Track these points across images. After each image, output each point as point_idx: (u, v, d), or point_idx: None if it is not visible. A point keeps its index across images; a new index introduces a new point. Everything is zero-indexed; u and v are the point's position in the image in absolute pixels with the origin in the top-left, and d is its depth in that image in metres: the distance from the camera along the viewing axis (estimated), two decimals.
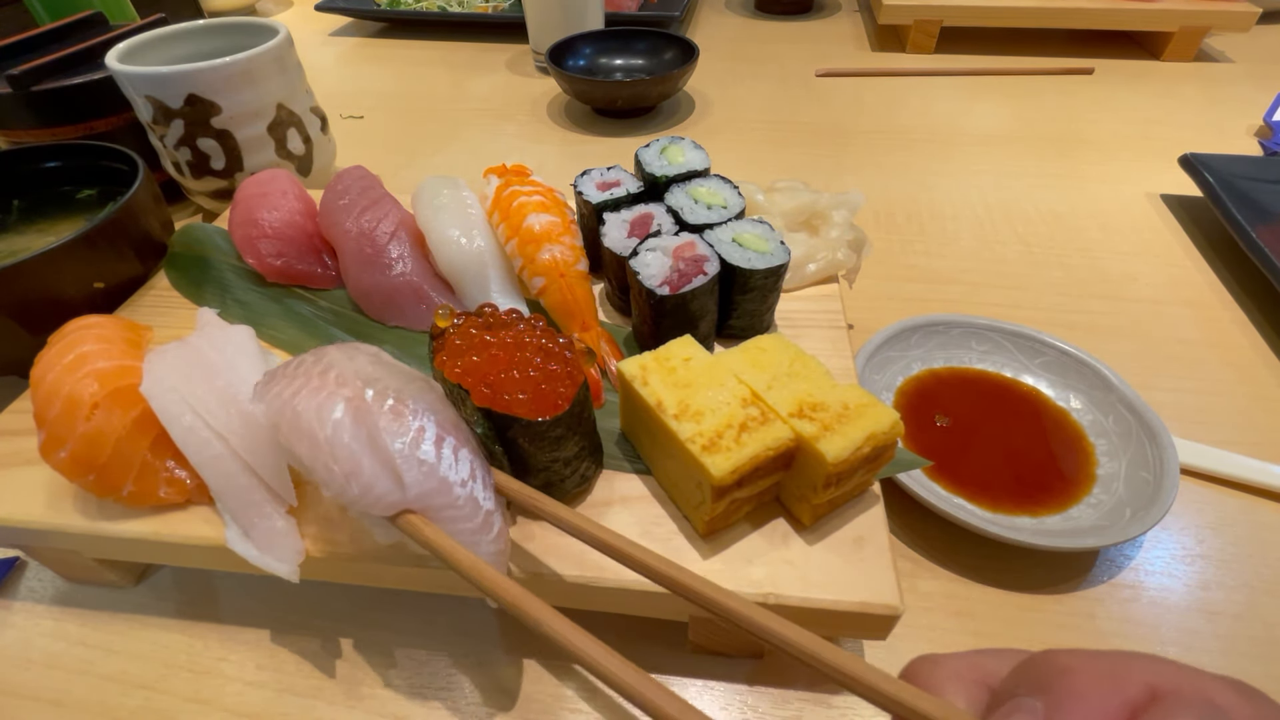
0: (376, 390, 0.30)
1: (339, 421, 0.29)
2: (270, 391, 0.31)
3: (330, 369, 0.31)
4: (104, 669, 0.39)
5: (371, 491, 0.29)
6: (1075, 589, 0.41)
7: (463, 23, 1.23)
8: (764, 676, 0.38)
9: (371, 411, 0.29)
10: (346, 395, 0.30)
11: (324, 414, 0.29)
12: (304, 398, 0.30)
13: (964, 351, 0.52)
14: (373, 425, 0.29)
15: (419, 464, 0.29)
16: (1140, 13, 1.02)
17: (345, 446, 0.29)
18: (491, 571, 0.28)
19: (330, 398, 0.30)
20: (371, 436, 0.29)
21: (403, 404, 0.30)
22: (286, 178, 0.55)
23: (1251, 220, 0.62)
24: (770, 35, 1.21)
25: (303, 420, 0.29)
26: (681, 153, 0.50)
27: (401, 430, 0.29)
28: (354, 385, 0.30)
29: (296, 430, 0.30)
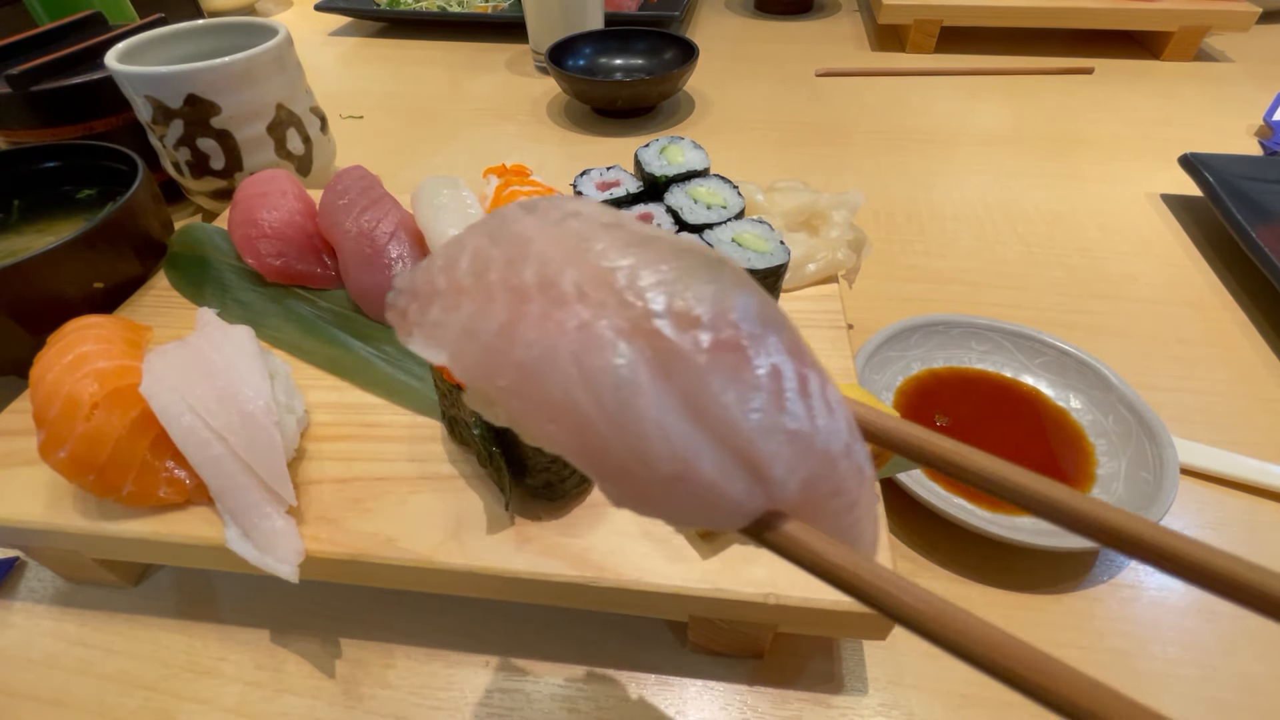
0: (669, 304, 0.16)
1: (629, 379, 0.15)
2: (441, 323, 0.17)
3: (549, 259, 0.17)
4: (104, 669, 0.39)
5: (717, 503, 0.16)
6: (1075, 589, 0.41)
7: (462, 23, 1.23)
8: (764, 676, 0.38)
9: (685, 353, 0.15)
10: (620, 322, 0.15)
11: (595, 367, 0.15)
12: (535, 334, 0.16)
13: (964, 351, 0.52)
14: (694, 381, 0.15)
15: (787, 435, 0.16)
16: (1140, 12, 1.02)
17: (657, 426, 0.15)
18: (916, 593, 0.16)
19: (590, 330, 0.15)
20: (698, 401, 0.15)
21: (730, 326, 0.16)
22: (286, 178, 0.55)
23: (1251, 220, 0.62)
24: (770, 35, 1.21)
25: (556, 383, 0.15)
26: (681, 153, 0.51)
27: (746, 379, 0.16)
28: (620, 294, 0.16)
29: (549, 402, 0.15)
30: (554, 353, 0.15)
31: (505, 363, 0.16)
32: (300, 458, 0.39)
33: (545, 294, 0.16)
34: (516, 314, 0.16)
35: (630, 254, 0.17)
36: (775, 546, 0.17)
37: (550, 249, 0.17)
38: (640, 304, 0.16)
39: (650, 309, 0.16)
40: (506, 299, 0.17)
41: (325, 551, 0.34)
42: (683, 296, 0.16)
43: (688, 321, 0.16)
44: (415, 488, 0.37)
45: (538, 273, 0.17)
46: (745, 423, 0.15)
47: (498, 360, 0.16)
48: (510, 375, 0.16)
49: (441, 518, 0.36)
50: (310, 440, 0.40)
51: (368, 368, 0.45)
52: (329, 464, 0.39)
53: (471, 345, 0.17)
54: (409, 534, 0.35)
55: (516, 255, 0.17)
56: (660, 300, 0.16)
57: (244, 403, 0.35)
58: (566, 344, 0.15)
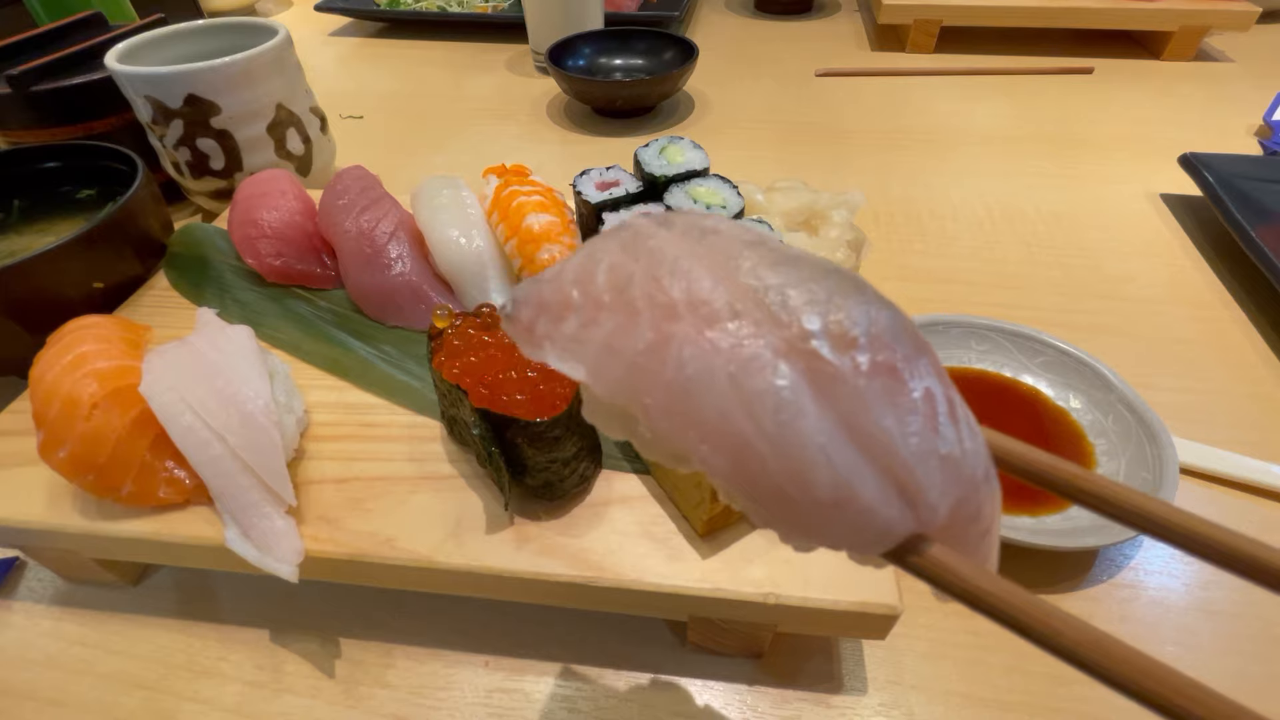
0: (825, 325, 0.16)
1: (790, 401, 0.15)
2: (578, 339, 0.17)
3: (696, 276, 0.17)
4: (103, 669, 0.39)
5: (870, 530, 0.16)
6: (1075, 589, 0.41)
7: (462, 23, 1.23)
8: (764, 676, 0.38)
9: (844, 376, 0.15)
10: (778, 342, 0.15)
11: (755, 389, 0.15)
12: (690, 353, 0.16)
13: (963, 351, 0.52)
14: (854, 403, 0.15)
15: (940, 460, 0.16)
16: (1140, 12, 1.02)
17: (820, 452, 0.15)
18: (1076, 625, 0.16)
19: (755, 353, 0.15)
20: (857, 424, 0.15)
21: (885, 348, 0.16)
22: (286, 178, 0.55)
23: (1251, 220, 0.62)
24: (770, 35, 1.21)
25: (712, 406, 0.15)
26: (681, 152, 0.51)
27: (903, 403, 0.16)
28: (774, 315, 0.16)
29: (694, 422, 0.15)
30: (710, 373, 0.15)
31: (654, 382, 0.16)
32: (300, 458, 0.39)
33: (695, 312, 0.16)
34: (665, 332, 0.16)
35: (779, 272, 0.17)
36: (918, 570, 0.17)
37: (696, 266, 0.17)
38: (796, 324, 0.16)
39: (807, 329, 0.15)
40: (653, 316, 0.16)
41: (325, 551, 0.34)
42: (836, 317, 0.16)
43: (845, 343, 0.15)
44: (415, 487, 0.37)
45: (686, 290, 0.16)
46: (905, 448, 0.15)
47: (646, 379, 0.16)
48: (660, 395, 0.16)
49: (441, 517, 0.36)
50: (310, 440, 0.40)
51: (367, 368, 0.45)
52: (328, 464, 0.39)
53: (614, 362, 0.16)
54: (408, 534, 0.35)
55: (660, 271, 0.17)
56: (816, 320, 0.16)
57: (243, 403, 0.35)
58: (722, 364, 0.15)
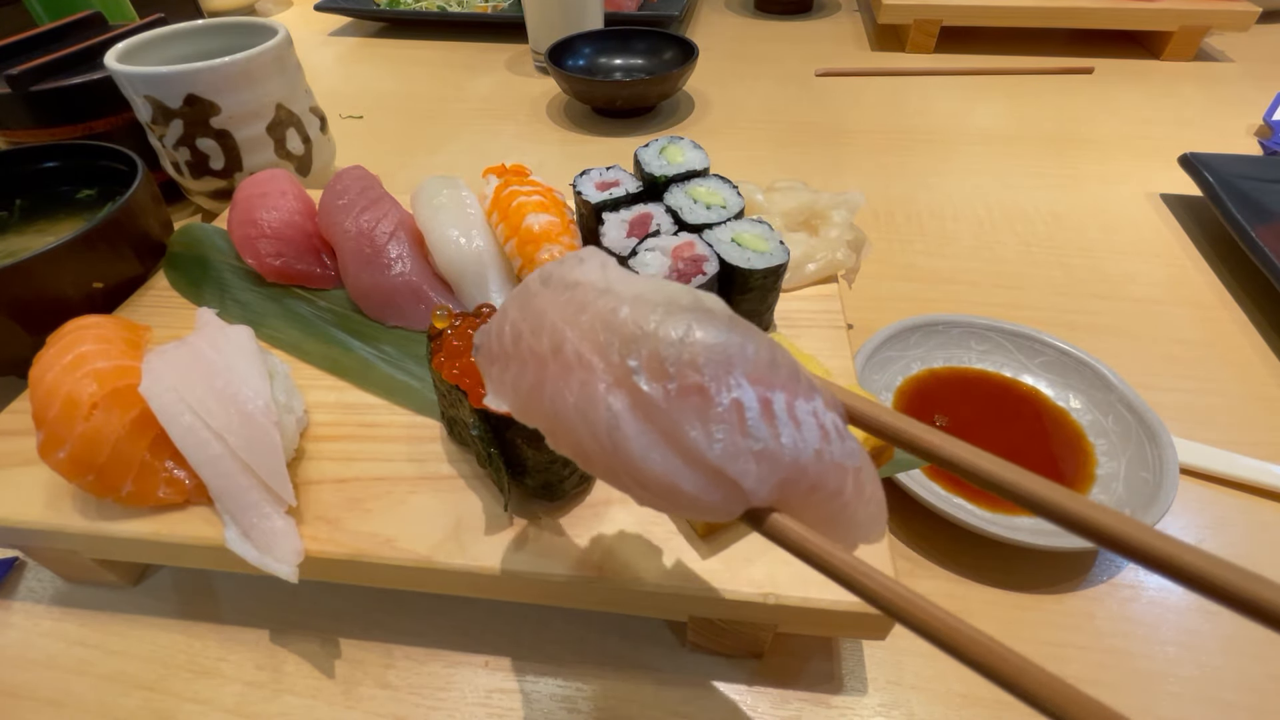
0: (644, 360, 0.21)
1: (617, 428, 0.20)
2: (501, 380, 0.24)
3: (557, 329, 0.22)
4: (103, 669, 0.39)
5: (705, 509, 0.21)
6: (1075, 589, 0.41)
7: (462, 23, 1.23)
8: (764, 676, 0.38)
9: (657, 402, 0.20)
10: (608, 380, 0.21)
11: (594, 418, 0.21)
12: (553, 391, 0.22)
13: (963, 351, 0.52)
14: (667, 422, 0.20)
15: (753, 455, 0.20)
16: (1140, 12, 1.02)
17: (643, 461, 0.20)
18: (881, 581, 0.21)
19: (587, 388, 0.21)
20: (672, 437, 0.20)
21: (694, 371, 0.20)
22: (286, 178, 0.55)
23: (1251, 220, 0.62)
24: (770, 35, 1.21)
25: (571, 429, 0.21)
26: (681, 152, 0.50)
27: (710, 415, 0.20)
28: (607, 356, 0.21)
29: (570, 442, 0.22)
30: (566, 407, 0.21)
31: (538, 411, 0.22)
32: (299, 458, 0.39)
33: (556, 359, 0.22)
34: (540, 376, 0.22)
35: (617, 316, 0.22)
36: (766, 533, 0.22)
37: (557, 319, 0.22)
38: (621, 362, 0.21)
39: (629, 366, 0.21)
40: (533, 363, 0.22)
41: (324, 552, 0.34)
42: (656, 350, 0.21)
43: (659, 374, 0.20)
44: (414, 488, 0.37)
45: (550, 340, 0.22)
46: (711, 451, 0.20)
47: (533, 409, 0.23)
48: (542, 421, 0.22)
49: (441, 518, 0.36)
50: (309, 440, 0.40)
51: (367, 368, 0.45)
52: (328, 464, 0.39)
53: (516, 398, 0.23)
54: (408, 534, 0.35)
55: (536, 326, 0.23)
56: (637, 357, 0.21)
57: (243, 403, 0.35)
58: (573, 400, 0.21)
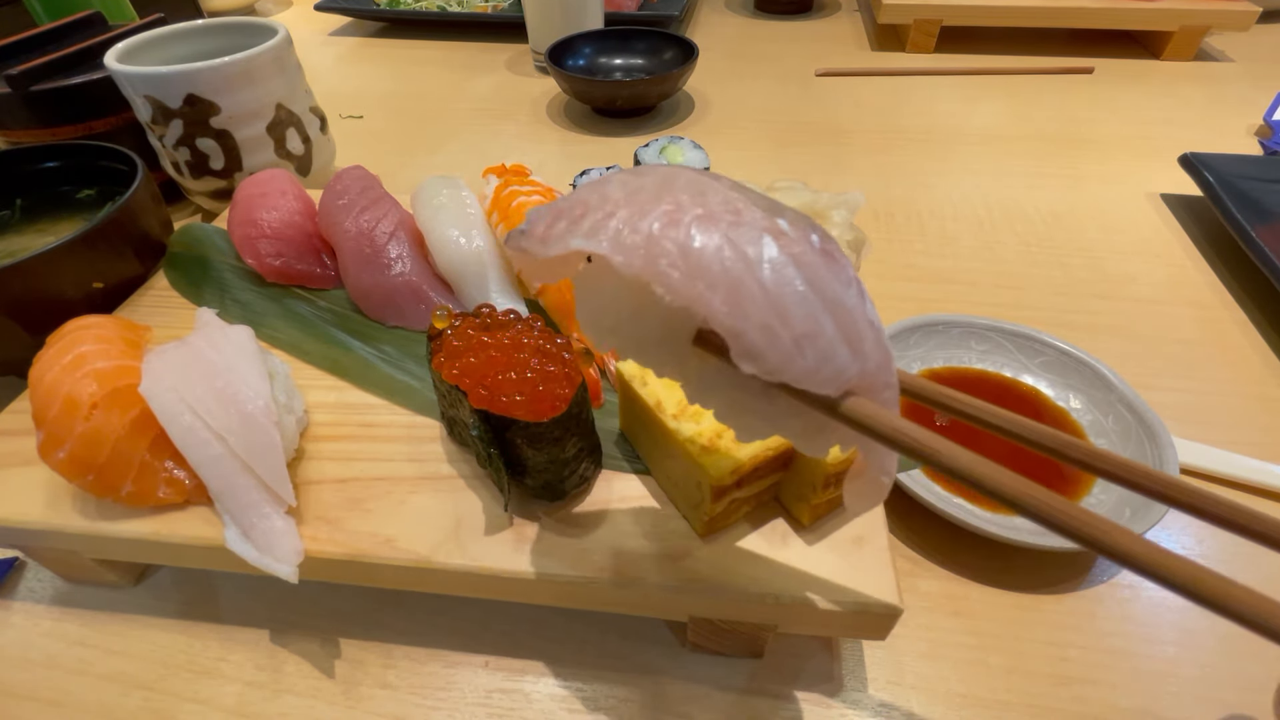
0: (789, 221, 0.22)
1: (781, 266, 0.21)
2: (600, 225, 0.22)
3: (698, 185, 0.23)
4: (103, 669, 0.39)
5: (830, 363, 0.21)
6: (1075, 589, 0.41)
7: (462, 23, 1.23)
8: (763, 676, 0.38)
9: (808, 257, 0.21)
10: (764, 228, 0.21)
11: (751, 253, 0.21)
12: (694, 230, 0.21)
13: (963, 351, 0.52)
14: (817, 274, 0.21)
15: (870, 326, 0.22)
16: (1140, 12, 1.02)
17: (800, 300, 0.21)
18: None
19: (744, 230, 0.21)
20: (821, 289, 0.21)
21: (823, 235, 0.22)
22: (286, 178, 0.55)
23: (1251, 220, 0.62)
24: (770, 35, 1.21)
25: (715, 260, 0.21)
26: (681, 152, 0.51)
27: (843, 278, 0.22)
28: (748, 212, 0.22)
29: (701, 273, 0.21)
30: (715, 240, 0.21)
31: (669, 247, 0.21)
32: (299, 458, 0.39)
33: (693, 209, 0.22)
34: (674, 218, 0.22)
35: (735, 191, 0.23)
36: (848, 415, 0.22)
37: (687, 184, 0.23)
38: (767, 217, 0.22)
39: (776, 221, 0.22)
40: (663, 209, 0.22)
41: (324, 552, 0.34)
42: (792, 218, 0.22)
43: (801, 233, 0.22)
44: (414, 488, 0.37)
45: (688, 193, 0.22)
46: (852, 307, 0.21)
47: (662, 245, 0.21)
48: (674, 254, 0.21)
49: (441, 518, 0.36)
50: (310, 440, 0.40)
51: (367, 368, 0.45)
52: (328, 464, 0.39)
53: (634, 238, 0.22)
54: (408, 534, 0.35)
55: (663, 186, 0.23)
56: (780, 219, 0.22)
57: (243, 403, 0.35)
58: (722, 233, 0.21)
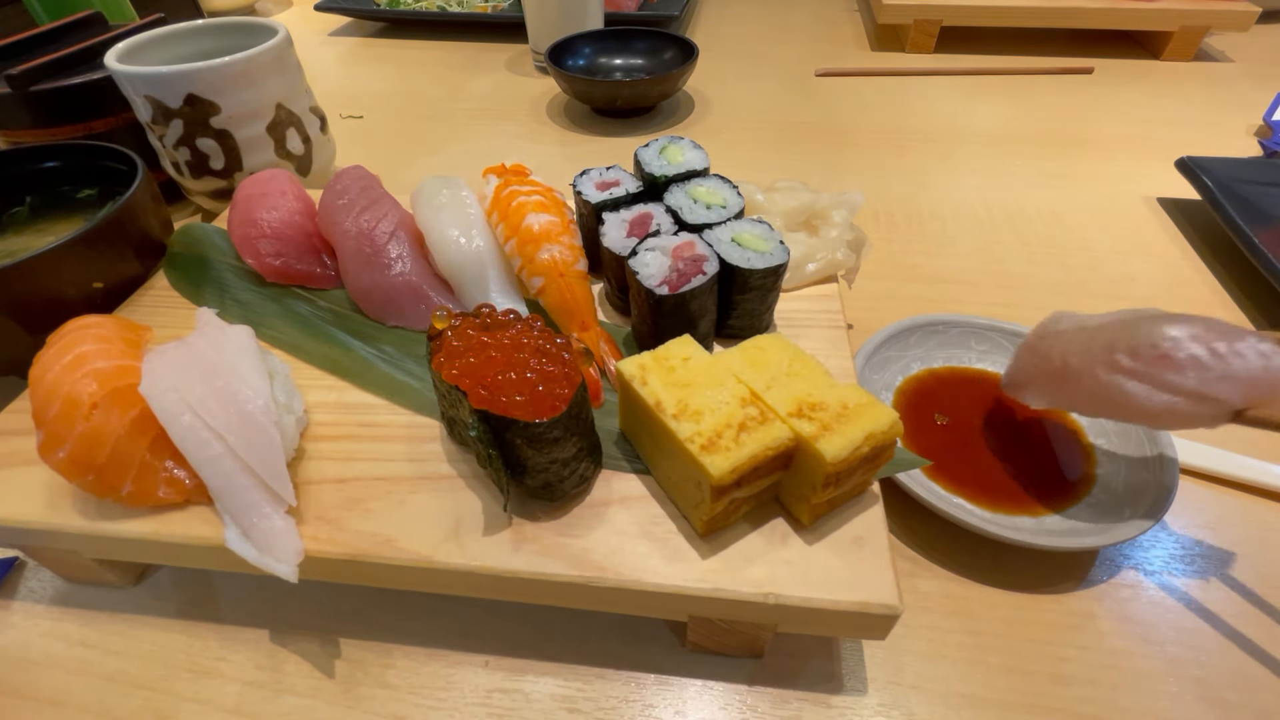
0: (1124, 350, 0.36)
1: (1121, 388, 0.36)
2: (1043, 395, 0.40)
3: (1066, 355, 0.39)
4: (103, 669, 0.39)
5: (1197, 418, 0.35)
6: (1075, 589, 0.41)
7: (462, 23, 1.23)
8: (763, 677, 0.38)
9: (1138, 368, 0.36)
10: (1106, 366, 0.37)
11: (1108, 386, 0.36)
12: (1084, 382, 0.37)
13: (963, 351, 0.52)
14: (1152, 377, 0.35)
15: (1218, 378, 0.34)
16: (1140, 12, 1.02)
17: (1146, 400, 0.35)
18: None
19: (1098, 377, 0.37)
20: (1160, 383, 0.35)
21: (1158, 349, 0.35)
22: (286, 177, 0.55)
23: (1251, 223, 0.62)
24: (770, 35, 1.21)
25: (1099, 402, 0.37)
26: (681, 152, 0.50)
27: (1178, 365, 0.34)
28: (1100, 356, 0.37)
29: (1102, 410, 0.38)
30: (1092, 390, 0.37)
31: (1080, 394, 0.38)
32: (299, 457, 0.39)
33: (1081, 364, 0.38)
34: (1075, 378, 0.38)
35: (1105, 330, 0.38)
36: (1248, 422, 0.35)
37: (1070, 347, 0.39)
38: (1109, 356, 0.37)
39: (1115, 358, 0.36)
40: (1066, 377, 0.39)
41: (324, 551, 0.34)
42: (1129, 342, 0.36)
43: (1140, 357, 0.35)
44: (414, 488, 0.37)
45: (1065, 357, 0.39)
46: (1190, 384, 0.34)
47: (1076, 395, 0.39)
48: (1083, 399, 0.38)
49: (440, 518, 0.36)
50: (309, 440, 0.40)
51: (367, 368, 0.45)
52: (328, 464, 0.39)
53: (1064, 394, 0.40)
54: (408, 534, 0.35)
55: (1051, 354, 0.40)
56: (1119, 350, 0.36)
57: (243, 402, 0.35)
58: (1095, 386, 0.37)
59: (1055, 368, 0.38)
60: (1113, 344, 0.36)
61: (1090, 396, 0.37)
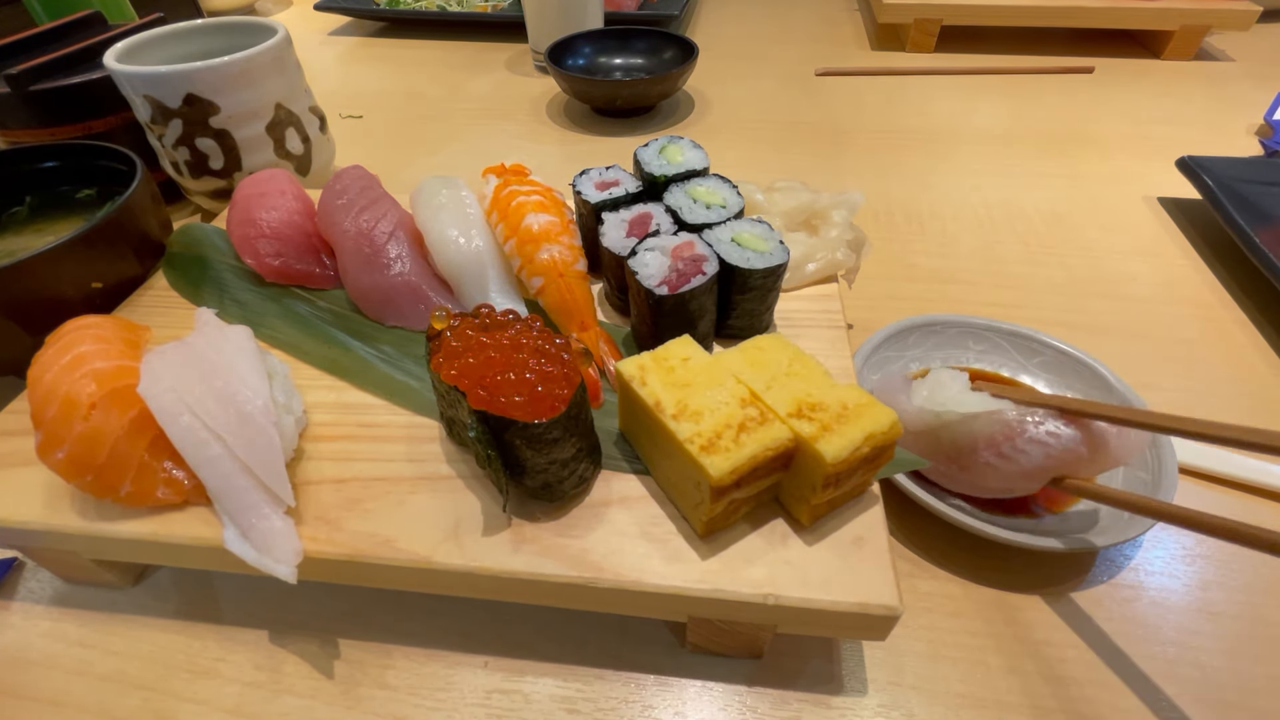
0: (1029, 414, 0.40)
1: (1026, 444, 0.39)
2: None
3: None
4: (102, 669, 0.39)
5: (1023, 489, 0.40)
6: (1075, 589, 0.41)
7: (462, 22, 1.23)
8: (763, 677, 0.38)
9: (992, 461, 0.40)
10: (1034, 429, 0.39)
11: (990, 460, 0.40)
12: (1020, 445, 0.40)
13: (961, 352, 0.52)
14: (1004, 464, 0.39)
15: (1031, 469, 0.39)
16: (1140, 11, 1.02)
17: (997, 480, 0.40)
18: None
19: (1024, 439, 0.39)
20: (1003, 472, 0.40)
21: (993, 441, 0.40)
22: (285, 177, 0.55)
23: (1252, 223, 0.62)
24: (770, 35, 1.21)
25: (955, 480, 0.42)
26: (680, 152, 0.50)
27: (1017, 451, 0.39)
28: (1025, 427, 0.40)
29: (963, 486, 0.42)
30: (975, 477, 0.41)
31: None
32: (298, 458, 0.39)
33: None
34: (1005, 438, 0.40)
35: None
36: (1065, 489, 0.39)
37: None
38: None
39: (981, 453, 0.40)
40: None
41: (323, 552, 0.34)
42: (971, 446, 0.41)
43: (1036, 421, 0.39)
44: (413, 488, 0.37)
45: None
46: (998, 483, 0.40)
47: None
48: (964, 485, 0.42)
49: (440, 518, 0.36)
50: (309, 440, 0.40)
51: (366, 368, 0.45)
52: (327, 464, 0.39)
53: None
54: (407, 534, 0.35)
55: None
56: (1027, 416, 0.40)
57: (242, 403, 0.35)
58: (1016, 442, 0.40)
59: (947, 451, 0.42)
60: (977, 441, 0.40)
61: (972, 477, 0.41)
